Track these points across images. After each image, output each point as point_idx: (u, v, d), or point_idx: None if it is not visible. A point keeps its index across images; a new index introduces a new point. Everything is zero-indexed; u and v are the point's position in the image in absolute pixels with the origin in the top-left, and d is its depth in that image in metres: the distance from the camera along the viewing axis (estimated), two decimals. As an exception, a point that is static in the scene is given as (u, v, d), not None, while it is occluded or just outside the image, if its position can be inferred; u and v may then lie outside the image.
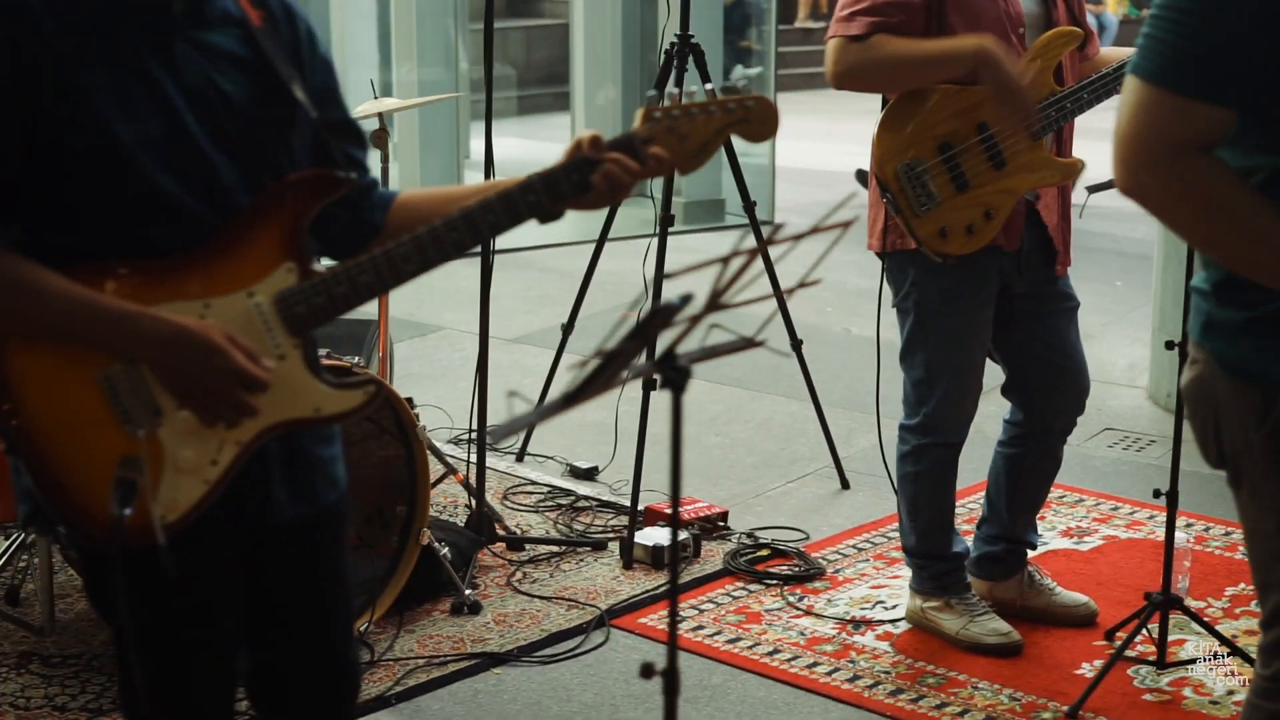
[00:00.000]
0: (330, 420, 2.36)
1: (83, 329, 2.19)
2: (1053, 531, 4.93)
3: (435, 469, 4.95)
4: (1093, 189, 3.78)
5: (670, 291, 2.21)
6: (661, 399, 5.10)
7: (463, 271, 2.06)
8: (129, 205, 2.23)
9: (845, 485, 5.36)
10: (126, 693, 2.46)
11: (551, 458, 5.62)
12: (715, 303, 2.06)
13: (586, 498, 5.21)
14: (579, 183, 2.36)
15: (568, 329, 5.61)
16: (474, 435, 4.89)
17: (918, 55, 3.66)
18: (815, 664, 4.06)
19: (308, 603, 2.52)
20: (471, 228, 2.34)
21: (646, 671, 2.22)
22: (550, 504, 5.17)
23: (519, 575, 4.58)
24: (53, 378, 2.22)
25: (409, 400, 5.25)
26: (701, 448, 5.80)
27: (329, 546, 2.53)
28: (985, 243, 3.80)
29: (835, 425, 5.47)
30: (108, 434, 2.22)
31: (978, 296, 3.92)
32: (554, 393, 2.04)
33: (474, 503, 4.71)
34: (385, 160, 4.57)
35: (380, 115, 4.52)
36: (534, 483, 5.37)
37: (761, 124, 2.46)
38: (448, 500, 5.11)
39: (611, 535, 4.85)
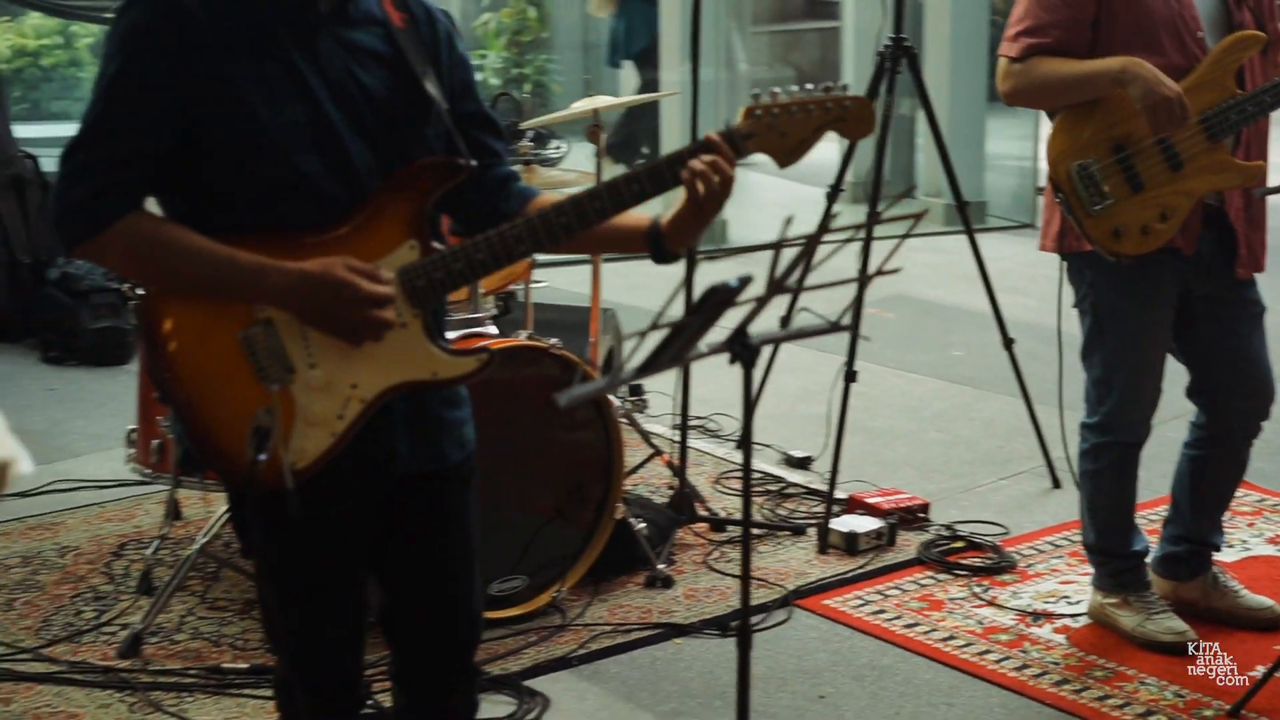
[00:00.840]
0: (446, 383, 2.60)
1: (222, 282, 2.46)
2: (1259, 538, 4.91)
3: (646, 450, 5.22)
4: (1262, 192, 3.80)
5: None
6: (862, 390, 5.26)
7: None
8: (270, 184, 2.49)
9: (1056, 484, 5.41)
10: (269, 625, 2.75)
11: (769, 446, 5.80)
12: (779, 286, 2.23)
13: (795, 485, 5.38)
14: (678, 176, 2.54)
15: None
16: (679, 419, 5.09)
17: (1066, 77, 3.77)
18: (987, 651, 4.16)
19: (430, 552, 2.75)
20: (579, 213, 2.54)
21: (723, 625, 2.39)
22: (760, 489, 5.35)
23: (716, 554, 4.78)
24: (199, 335, 2.50)
25: (637, 387, 5.52)
26: (921, 442, 5.92)
27: (454, 501, 2.75)
28: (1160, 244, 3.85)
29: (1056, 425, 5.51)
30: (246, 388, 2.49)
31: (1154, 298, 3.96)
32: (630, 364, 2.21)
33: (677, 483, 4.92)
34: (599, 155, 4.82)
35: (595, 112, 4.77)
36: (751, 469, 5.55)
37: (858, 123, 2.61)
38: (661, 481, 5.33)
39: (810, 521, 5.02)
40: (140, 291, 2.62)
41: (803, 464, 5.61)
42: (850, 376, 5.05)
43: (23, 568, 4.65)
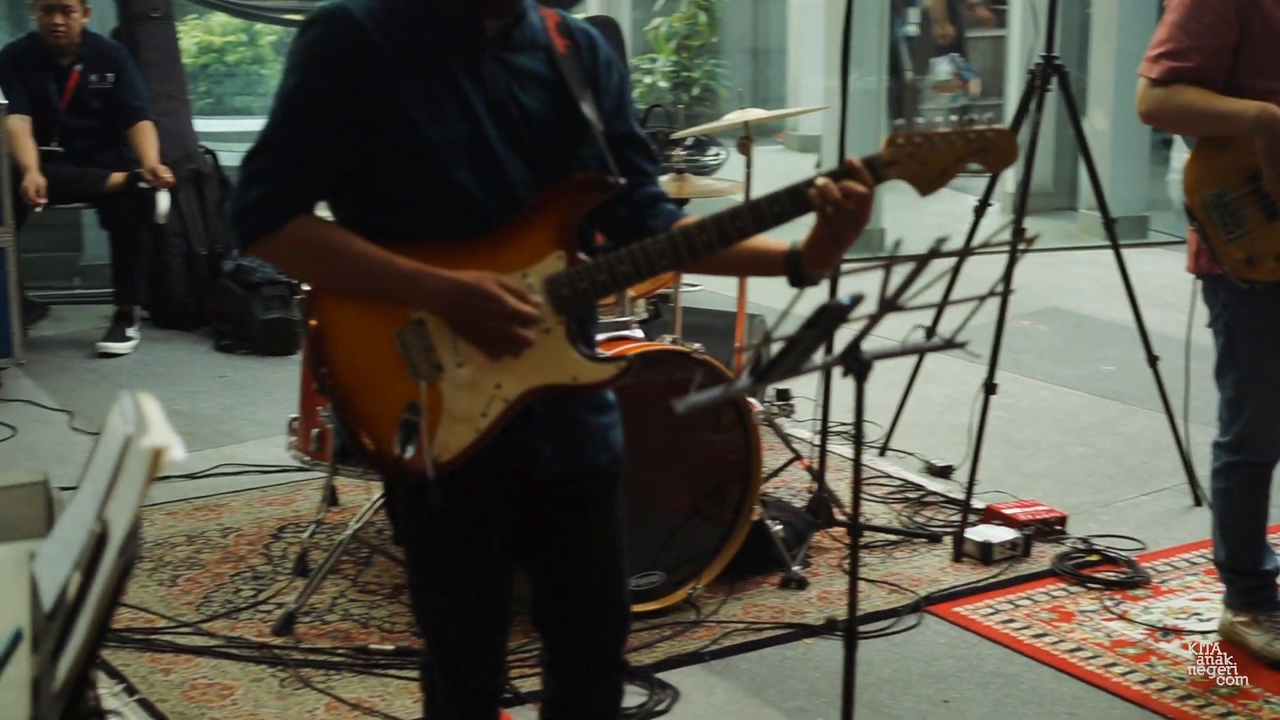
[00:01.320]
0: (585, 388, 2.74)
1: (380, 285, 2.63)
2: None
3: (788, 454, 5.34)
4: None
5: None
6: (1009, 401, 5.32)
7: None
8: (431, 194, 2.66)
9: (1198, 502, 5.43)
10: (416, 610, 2.92)
11: (912, 454, 5.89)
12: (891, 304, 2.35)
13: (934, 493, 5.47)
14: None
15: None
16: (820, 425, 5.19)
17: (1203, 111, 3.83)
18: (1113, 664, 4.22)
19: (574, 552, 2.88)
20: (720, 231, 2.67)
21: (830, 625, 2.51)
22: (899, 497, 5.44)
23: (852, 559, 4.88)
24: (356, 332, 2.68)
25: (784, 392, 5.64)
26: (1064, 455, 5.96)
27: (598, 503, 2.88)
28: (1293, 272, 3.89)
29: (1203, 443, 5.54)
30: (397, 383, 2.66)
31: (1286, 323, 4.00)
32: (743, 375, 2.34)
33: (815, 487, 5.04)
34: (749, 166, 4.94)
35: (746, 124, 4.89)
36: (889, 476, 5.66)
37: (1001, 154, 2.69)
38: (802, 485, 5.45)
39: (946, 529, 5.10)
40: (305, 288, 2.80)
41: (944, 473, 5.69)
42: (990, 389, 5.12)
43: (187, 546, 4.90)
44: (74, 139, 7.26)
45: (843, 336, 2.51)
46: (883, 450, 5.93)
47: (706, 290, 5.84)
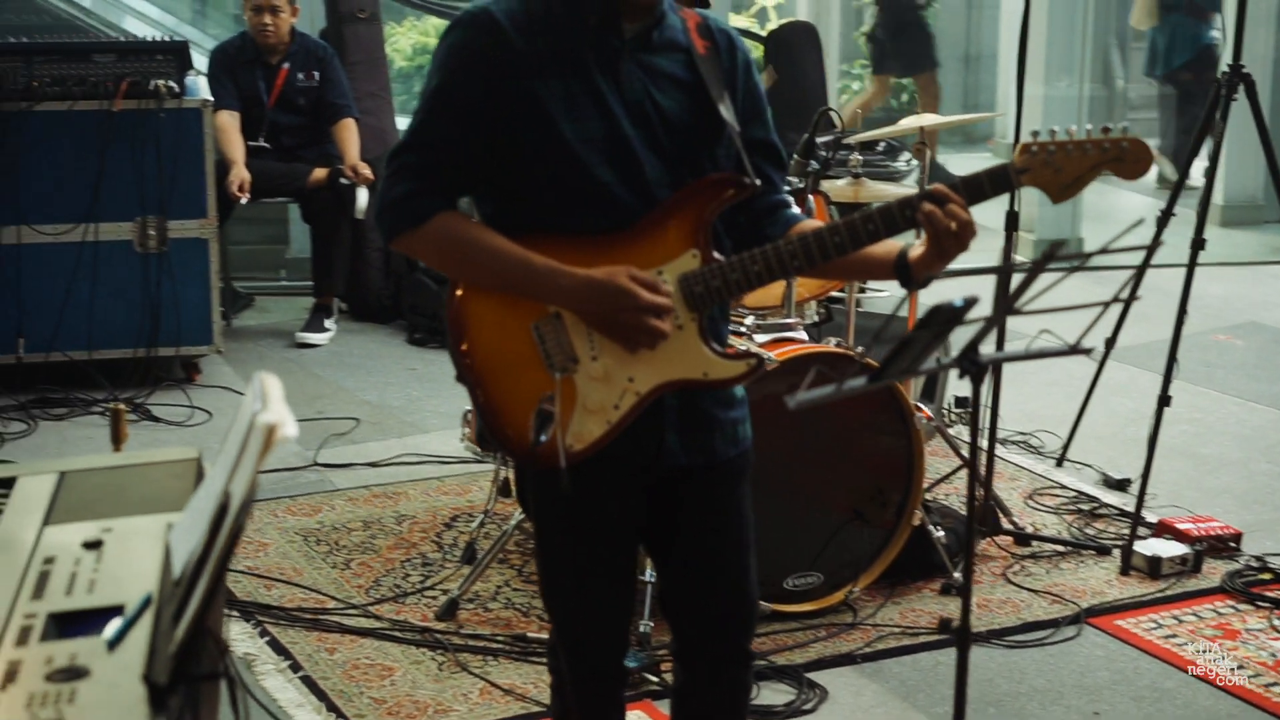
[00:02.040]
0: (716, 384, 2.79)
1: (517, 280, 2.72)
2: None
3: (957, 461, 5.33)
4: None
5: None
6: (1195, 415, 5.24)
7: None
8: (569, 191, 2.74)
9: (1387, 524, 5.30)
10: (544, 592, 3.00)
11: (1089, 465, 5.82)
12: (1009, 307, 2.36)
13: (1107, 505, 5.40)
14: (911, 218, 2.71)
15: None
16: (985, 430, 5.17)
17: None
18: (1274, 684, 4.14)
19: (702, 542, 2.94)
20: (852, 233, 2.72)
21: (944, 625, 2.53)
22: (1071, 508, 5.39)
23: (1016, 568, 4.86)
24: (496, 323, 2.77)
25: (964, 399, 5.62)
26: (1247, 472, 5.84)
27: (726, 494, 2.94)
28: None
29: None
30: (534, 374, 2.74)
31: None
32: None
33: (981, 495, 5.02)
34: (924, 172, 4.95)
35: (921, 130, 4.90)
36: (1063, 486, 5.61)
37: (1135, 163, 2.71)
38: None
39: (1116, 542, 5.04)
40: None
41: (1120, 485, 5.61)
42: (1164, 401, 5.04)
43: (363, 532, 5.05)
44: (280, 135, 7.51)
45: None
46: (1060, 461, 5.87)
47: (880, 295, 5.84)
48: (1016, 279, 2.34)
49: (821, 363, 4.35)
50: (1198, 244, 5.02)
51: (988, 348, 2.57)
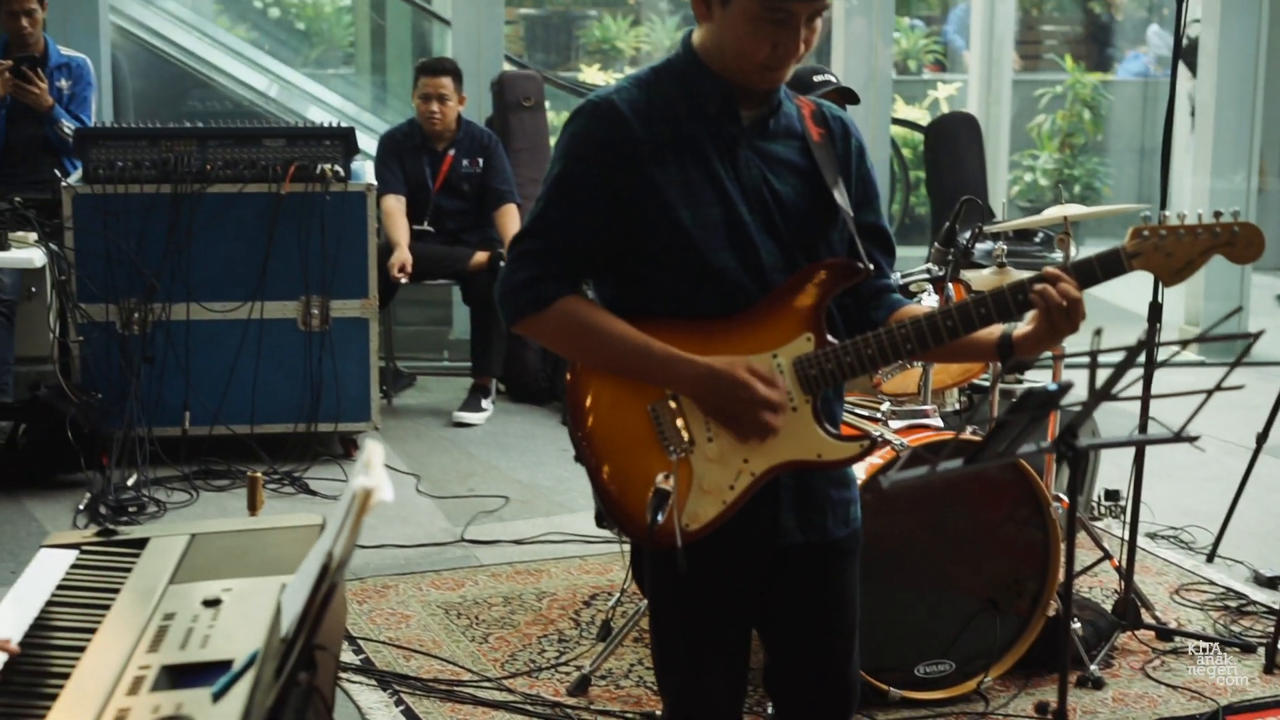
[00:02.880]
0: (829, 465, 2.84)
1: (636, 366, 2.79)
2: None
3: (1096, 553, 5.27)
4: None
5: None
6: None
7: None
8: (687, 276, 2.81)
9: None
10: (657, 670, 3.05)
11: (1240, 562, 5.72)
12: (1104, 394, 2.38)
13: (1257, 603, 5.30)
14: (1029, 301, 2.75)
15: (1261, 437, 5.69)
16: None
17: None
18: None
19: (810, 620, 2.98)
20: (964, 316, 2.76)
21: (1041, 709, 2.53)
22: (1219, 604, 5.30)
23: (1157, 663, 4.79)
24: (613, 404, 2.84)
25: (1114, 492, 5.58)
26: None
27: (836, 574, 2.98)
28: None
29: None
30: (650, 454, 2.81)
31: None
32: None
33: (1123, 587, 4.96)
34: (1066, 260, 4.93)
35: (1065, 219, 4.90)
36: (1211, 582, 5.52)
37: (1246, 248, 2.72)
38: (1114, 584, 5.36)
39: (1261, 639, 4.94)
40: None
41: (1271, 583, 5.50)
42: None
43: (503, 607, 5.14)
44: (444, 219, 7.70)
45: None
46: (1210, 556, 5.78)
47: (1025, 383, 5.81)
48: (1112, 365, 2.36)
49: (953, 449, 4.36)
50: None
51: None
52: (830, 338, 2.82)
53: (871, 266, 2.87)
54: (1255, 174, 9.48)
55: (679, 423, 2.81)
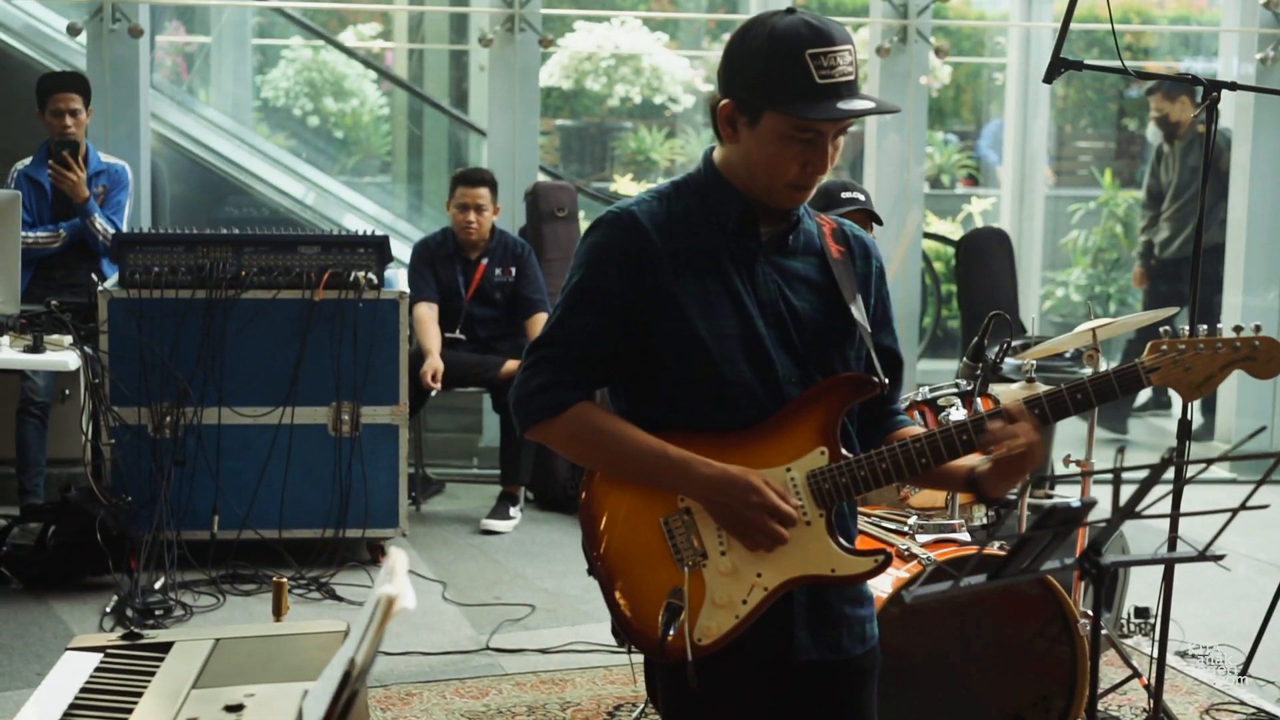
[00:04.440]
0: (843, 580, 2.83)
1: (651, 469, 2.80)
2: None
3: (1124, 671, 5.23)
4: None
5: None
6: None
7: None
8: (703, 387, 2.83)
9: None
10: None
11: (1271, 682, 5.67)
12: (1128, 511, 2.38)
13: (1288, 725, 5.26)
14: (1082, 401, 2.74)
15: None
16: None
17: None
18: None
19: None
20: (979, 429, 2.77)
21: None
22: (1250, 727, 5.26)
23: (1186, 783, 4.75)
24: (625, 517, 2.86)
25: (1143, 610, 5.55)
26: None
27: (852, 692, 2.96)
28: None
29: None
30: (663, 568, 2.82)
31: None
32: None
33: (1152, 706, 4.91)
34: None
35: (1094, 333, 4.90)
36: (1242, 702, 5.46)
37: (1267, 363, 2.73)
38: (1144, 702, 5.31)
39: (1293, 762, 4.90)
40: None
41: (1304, 705, 5.46)
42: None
43: (527, 716, 5.12)
44: (475, 327, 7.74)
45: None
46: (1241, 675, 5.72)
47: (1054, 499, 5.80)
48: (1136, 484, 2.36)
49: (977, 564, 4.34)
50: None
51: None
52: (845, 451, 2.83)
53: (887, 380, 2.89)
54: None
55: (692, 536, 2.82)
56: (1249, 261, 9.34)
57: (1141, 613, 5.98)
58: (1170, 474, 2.56)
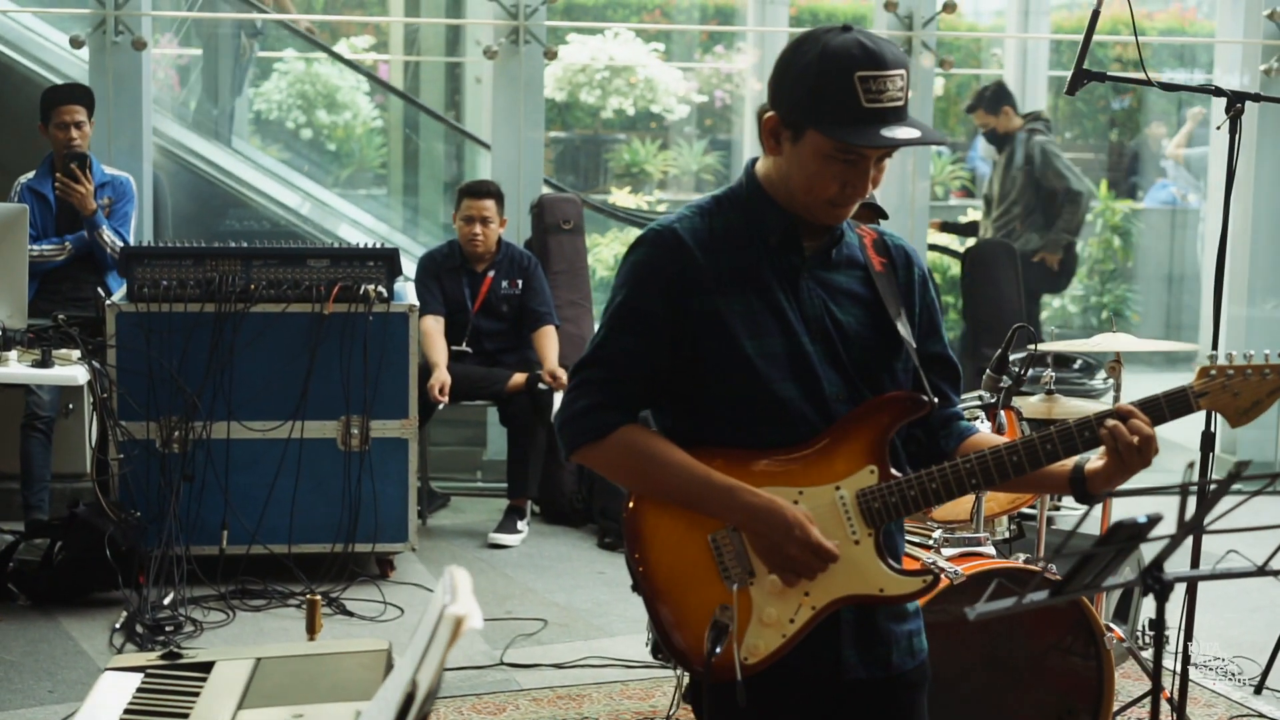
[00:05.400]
0: (891, 600, 2.81)
1: (696, 495, 2.77)
2: None
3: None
4: None
5: None
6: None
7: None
8: (750, 406, 2.80)
9: None
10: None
11: (1299, 699, 5.66)
12: (1191, 527, 2.35)
13: (1313, 741, 5.24)
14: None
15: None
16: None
17: None
18: None
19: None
20: (1030, 453, 2.75)
21: None
22: (1276, 741, 5.24)
23: (1211, 798, 4.73)
24: (672, 534, 2.82)
25: (1160, 621, 5.51)
26: None
27: (904, 707, 2.94)
28: None
29: None
30: (709, 585, 2.79)
31: None
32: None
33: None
34: (1117, 389, 4.92)
35: (1118, 355, 4.89)
36: (1261, 715, 5.44)
37: None
38: (1165, 716, 5.29)
39: (1317, 776, 4.88)
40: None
41: (1322, 717, 5.44)
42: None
43: (547, 732, 5.10)
44: (482, 340, 7.71)
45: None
46: (1258, 688, 5.71)
47: (1073, 511, 5.79)
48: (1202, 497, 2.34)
49: (1007, 578, 4.32)
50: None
51: (1175, 566, 2.55)
52: (894, 470, 2.80)
53: (936, 400, 2.86)
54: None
55: (740, 553, 2.79)
56: (1251, 273, 9.34)
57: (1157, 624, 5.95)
58: (1210, 489, 2.53)
